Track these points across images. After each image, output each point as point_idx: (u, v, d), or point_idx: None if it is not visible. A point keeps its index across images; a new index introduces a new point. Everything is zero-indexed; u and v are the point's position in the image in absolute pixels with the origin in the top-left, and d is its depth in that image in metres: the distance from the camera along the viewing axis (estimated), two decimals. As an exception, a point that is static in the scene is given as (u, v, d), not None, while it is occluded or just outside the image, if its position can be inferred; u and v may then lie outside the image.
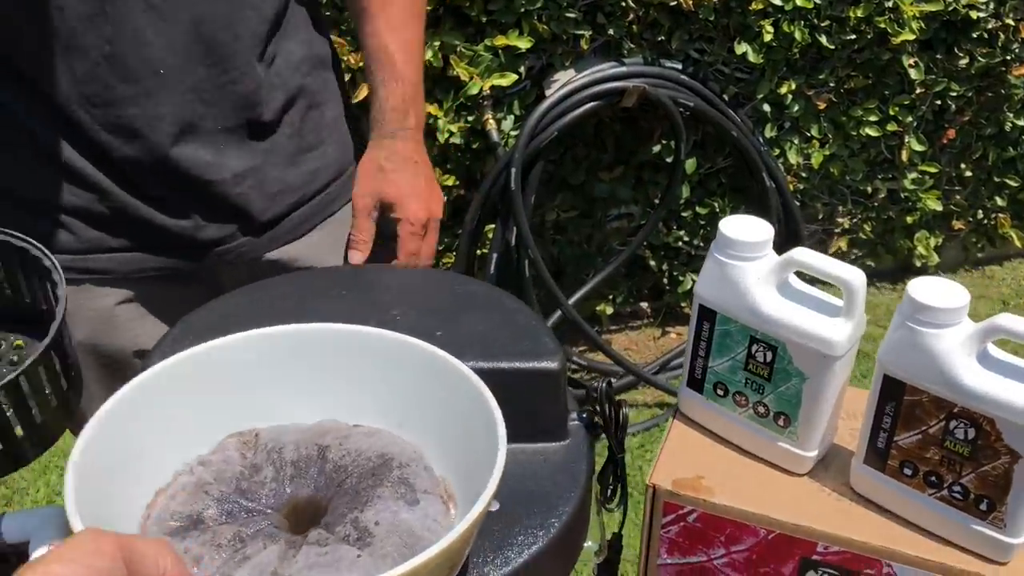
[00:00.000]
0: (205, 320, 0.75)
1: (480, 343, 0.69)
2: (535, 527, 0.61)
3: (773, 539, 0.71)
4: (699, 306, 0.74)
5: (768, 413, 0.73)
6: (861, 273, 0.67)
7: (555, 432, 0.69)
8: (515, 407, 0.64)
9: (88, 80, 0.83)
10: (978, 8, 2.35)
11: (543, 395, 0.68)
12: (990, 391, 0.62)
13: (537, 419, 0.68)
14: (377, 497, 0.55)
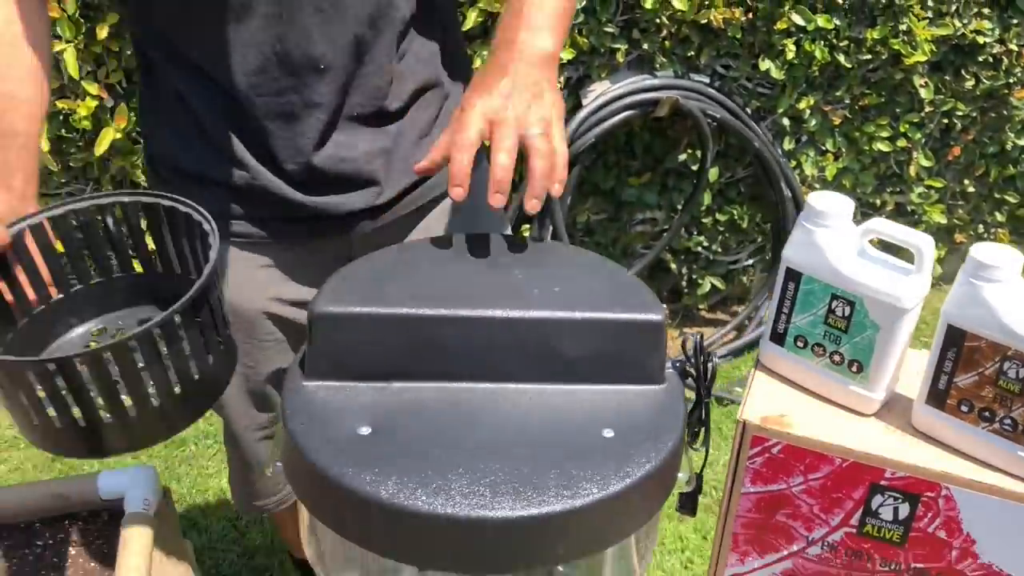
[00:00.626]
0: (357, 272, 0.86)
1: (593, 298, 0.80)
2: (645, 453, 0.72)
3: (847, 467, 0.83)
4: (786, 269, 0.86)
5: (843, 361, 0.86)
6: (930, 239, 0.80)
7: (655, 376, 0.80)
8: (624, 353, 0.77)
9: (257, 72, 0.96)
10: (984, 34, 2.50)
11: (647, 343, 0.79)
12: (1040, 336, 0.75)
13: (642, 364, 0.79)
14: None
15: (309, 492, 0.74)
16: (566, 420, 0.76)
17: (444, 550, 0.68)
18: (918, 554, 0.85)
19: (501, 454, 0.70)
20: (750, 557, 0.92)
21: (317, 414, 0.74)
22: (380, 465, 0.69)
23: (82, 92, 1.96)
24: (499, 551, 0.69)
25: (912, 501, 0.82)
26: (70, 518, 1.47)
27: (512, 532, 0.67)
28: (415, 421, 0.74)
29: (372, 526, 0.69)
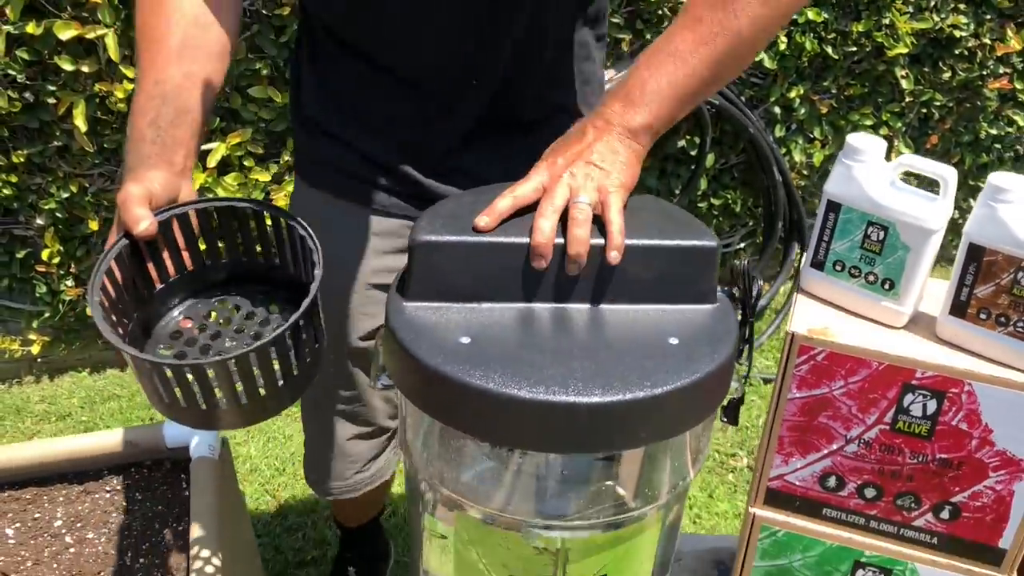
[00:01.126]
0: (448, 207, 0.96)
1: (656, 228, 0.91)
2: (708, 354, 0.83)
3: (882, 370, 0.97)
4: (827, 201, 1.00)
5: (877, 280, 0.99)
6: (954, 170, 0.93)
7: (709, 297, 0.91)
8: (683, 275, 0.89)
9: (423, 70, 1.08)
10: (960, 28, 2.68)
11: (703, 265, 0.91)
12: (1049, 248, 0.89)
13: (698, 285, 0.91)
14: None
15: (422, 392, 0.85)
16: (636, 331, 0.87)
17: (544, 433, 0.80)
18: (943, 445, 0.98)
19: (585, 356, 0.81)
20: (794, 458, 1.05)
21: (421, 328, 0.85)
22: (484, 364, 0.79)
23: (120, 75, 2.05)
24: (591, 433, 0.79)
25: (939, 398, 0.96)
26: (136, 466, 1.57)
27: (602, 416, 0.78)
28: (507, 332, 0.85)
29: (482, 415, 0.80)
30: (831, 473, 1.04)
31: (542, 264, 0.85)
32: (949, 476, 1.00)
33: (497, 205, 0.88)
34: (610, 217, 0.86)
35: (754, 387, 2.55)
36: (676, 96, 0.89)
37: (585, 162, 0.89)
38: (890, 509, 1.04)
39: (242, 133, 2.19)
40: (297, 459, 2.22)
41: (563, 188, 0.87)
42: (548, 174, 0.89)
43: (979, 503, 1.00)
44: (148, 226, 0.86)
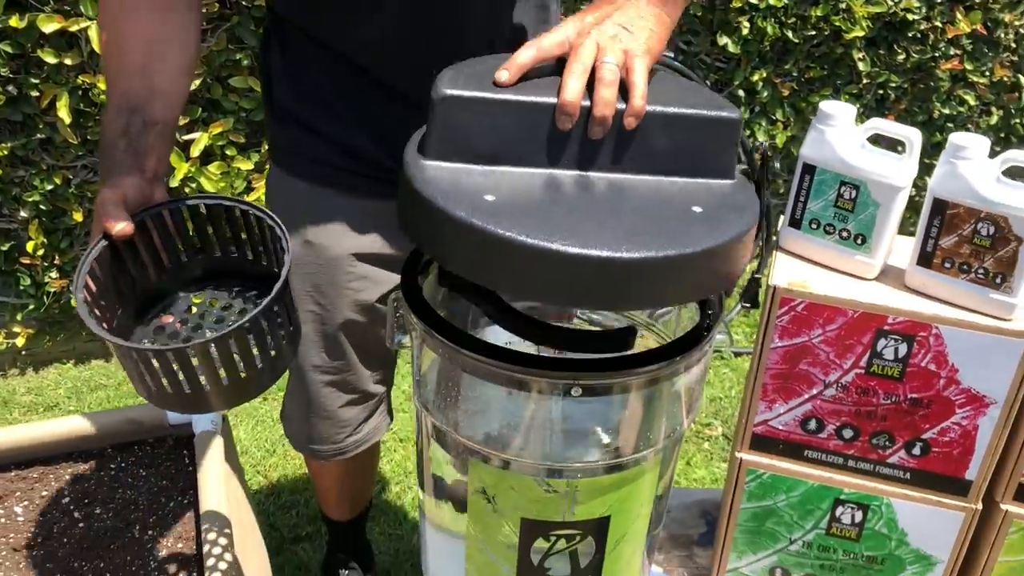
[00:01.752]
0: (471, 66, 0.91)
1: (680, 98, 0.88)
2: (733, 220, 0.83)
3: (857, 317, 1.05)
4: (803, 164, 1.08)
5: (850, 236, 1.08)
6: (918, 131, 1.02)
7: (728, 171, 0.90)
8: (704, 146, 0.88)
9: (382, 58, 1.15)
10: (912, 11, 2.79)
11: (725, 138, 0.88)
12: (1004, 199, 0.98)
13: (718, 158, 0.89)
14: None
15: (450, 247, 0.81)
16: (660, 199, 0.85)
17: (575, 289, 0.78)
18: (913, 386, 1.07)
19: (612, 217, 0.80)
20: (777, 404, 1.13)
21: (443, 185, 0.81)
22: (513, 219, 0.77)
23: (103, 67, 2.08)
24: (623, 289, 0.79)
25: (909, 341, 1.04)
26: (139, 444, 1.61)
27: (633, 272, 0.77)
28: (532, 193, 0.82)
29: (512, 269, 0.78)
30: (811, 416, 1.12)
31: (568, 124, 0.83)
32: (920, 414, 1.08)
33: (518, 58, 0.85)
34: (634, 80, 0.83)
35: (726, 359, 2.65)
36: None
37: (614, 23, 0.87)
38: (866, 448, 1.12)
39: (224, 123, 2.23)
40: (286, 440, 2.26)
41: (591, 45, 0.85)
42: (575, 30, 0.87)
43: (947, 438, 1.09)
44: (124, 227, 0.91)
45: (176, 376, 0.88)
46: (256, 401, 2.40)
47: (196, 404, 0.93)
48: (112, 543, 1.43)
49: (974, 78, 3.01)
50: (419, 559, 1.86)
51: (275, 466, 2.19)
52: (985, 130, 3.17)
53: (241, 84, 2.21)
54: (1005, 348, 1.02)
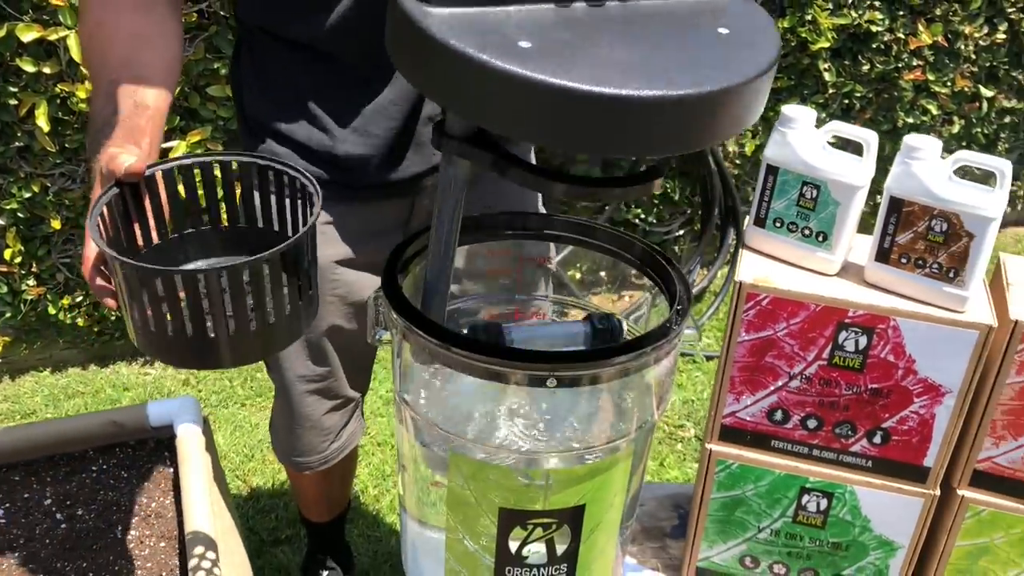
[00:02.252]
0: None
1: None
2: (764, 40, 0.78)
3: (819, 311, 1.10)
4: (766, 166, 1.13)
5: (812, 233, 1.12)
6: (874, 133, 1.07)
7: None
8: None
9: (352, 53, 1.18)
10: (876, 23, 2.87)
11: None
12: (956, 197, 1.03)
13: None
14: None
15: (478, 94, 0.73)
16: (684, 24, 0.79)
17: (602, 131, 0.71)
18: (873, 376, 1.12)
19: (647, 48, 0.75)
20: (744, 396, 1.17)
21: (469, 34, 0.72)
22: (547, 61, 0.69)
23: (81, 75, 2.11)
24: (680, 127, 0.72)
25: (869, 334, 1.09)
26: (120, 447, 1.63)
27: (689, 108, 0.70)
28: (555, 33, 0.74)
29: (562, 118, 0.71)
30: (778, 408, 1.17)
31: None
32: (880, 404, 1.13)
33: None
34: None
35: (697, 363, 2.70)
36: None
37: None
38: (830, 437, 1.17)
39: (202, 131, 2.25)
40: (265, 446, 2.28)
41: None
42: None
43: (906, 427, 1.14)
44: (136, 162, 0.88)
45: (179, 309, 0.84)
46: (235, 407, 2.42)
47: (195, 354, 0.89)
48: (95, 544, 1.45)
49: (936, 88, 3.09)
50: (398, 559, 1.89)
51: (254, 471, 2.21)
52: (947, 138, 3.25)
53: (219, 93, 2.24)
54: (959, 339, 1.07)
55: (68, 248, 2.36)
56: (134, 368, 2.55)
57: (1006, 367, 1.09)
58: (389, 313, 1.01)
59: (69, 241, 2.36)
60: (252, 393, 2.47)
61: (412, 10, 0.74)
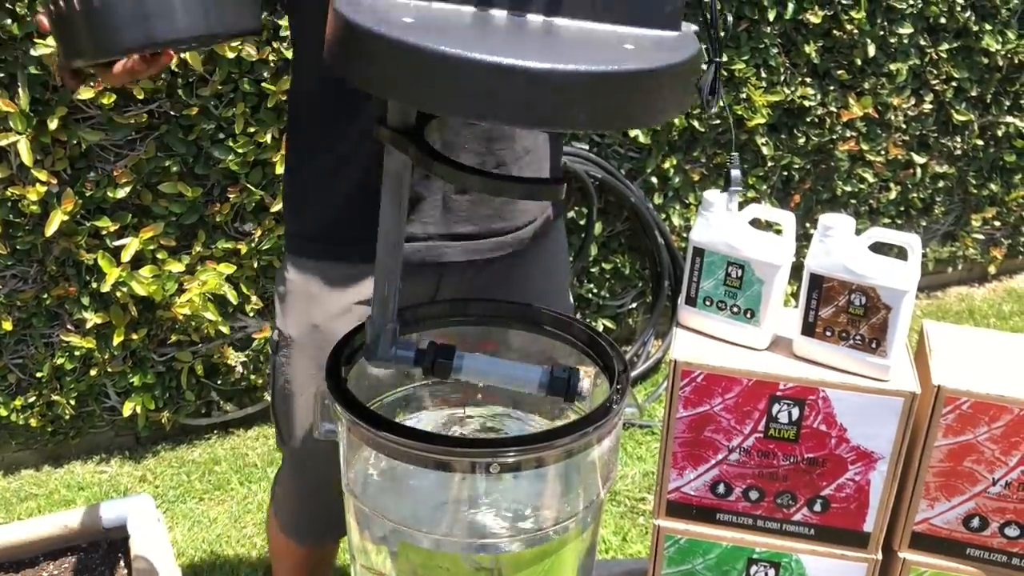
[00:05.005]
0: None
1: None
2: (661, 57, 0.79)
3: (752, 385, 1.14)
4: (693, 248, 1.18)
5: (740, 311, 1.17)
6: (792, 215, 1.13)
7: (672, 21, 0.86)
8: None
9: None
10: (808, 99, 3.00)
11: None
12: (872, 272, 1.09)
13: (663, 5, 0.85)
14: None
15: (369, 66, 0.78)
16: (591, 37, 0.83)
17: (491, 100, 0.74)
18: (808, 446, 1.15)
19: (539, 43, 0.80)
20: (687, 471, 1.20)
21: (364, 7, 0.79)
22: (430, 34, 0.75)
23: (32, 179, 2.13)
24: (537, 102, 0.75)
25: (800, 405, 1.14)
26: (72, 550, 1.62)
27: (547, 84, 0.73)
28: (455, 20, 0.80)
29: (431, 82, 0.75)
30: (719, 481, 1.20)
31: None
32: (816, 473, 1.17)
33: None
34: None
35: (656, 435, 2.73)
36: None
37: None
38: (772, 508, 1.20)
39: (154, 228, 2.28)
40: (223, 540, 2.26)
41: None
42: None
43: (843, 494, 1.17)
44: None
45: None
46: (192, 501, 2.40)
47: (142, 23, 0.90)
48: (46, 653, 1.43)
49: (871, 157, 3.22)
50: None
51: (211, 567, 2.18)
52: (885, 204, 3.37)
53: (170, 190, 2.27)
54: (885, 406, 1.12)
55: (20, 349, 2.35)
56: (89, 467, 2.52)
57: (933, 431, 1.13)
58: (334, 406, 1.04)
59: (21, 342, 2.35)
60: (210, 487, 2.45)
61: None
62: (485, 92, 0.74)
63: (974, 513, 1.16)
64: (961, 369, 1.15)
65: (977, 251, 3.70)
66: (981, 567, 1.18)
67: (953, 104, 3.28)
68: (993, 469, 1.13)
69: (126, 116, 2.19)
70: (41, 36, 2.02)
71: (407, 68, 0.75)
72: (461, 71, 0.73)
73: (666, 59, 0.79)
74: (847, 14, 2.91)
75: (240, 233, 2.43)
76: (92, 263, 2.26)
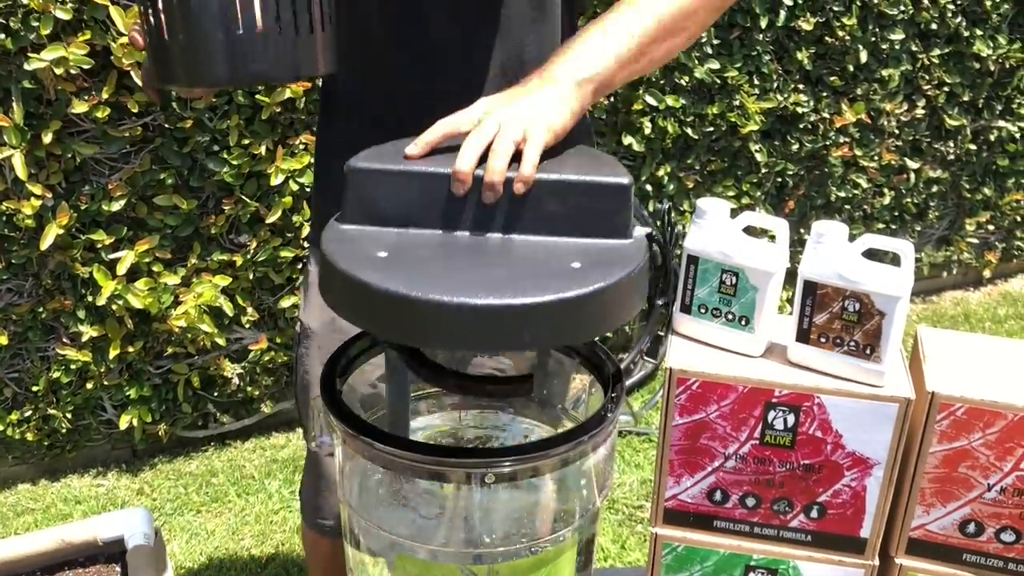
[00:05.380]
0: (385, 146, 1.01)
1: (575, 166, 0.98)
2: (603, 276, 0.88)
3: (747, 392, 1.14)
4: (687, 256, 1.18)
5: (735, 318, 1.18)
6: (784, 222, 1.14)
7: (622, 232, 0.96)
8: (595, 210, 0.95)
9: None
10: (801, 105, 3.01)
11: (615, 201, 0.95)
12: (865, 278, 1.09)
13: (611, 220, 0.96)
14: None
15: (339, 297, 0.91)
16: (543, 256, 0.92)
17: (436, 331, 0.85)
18: (804, 452, 1.15)
19: (491, 270, 0.89)
20: (683, 478, 1.20)
21: (346, 243, 0.92)
22: (393, 273, 0.86)
23: (27, 193, 2.13)
24: (483, 332, 0.85)
25: (796, 411, 1.14)
26: (69, 564, 1.61)
27: (490, 318, 0.83)
28: (422, 251, 0.91)
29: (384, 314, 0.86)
30: (716, 488, 1.20)
31: (461, 190, 0.92)
32: (813, 479, 1.17)
33: (426, 135, 0.96)
34: (526, 152, 0.93)
35: (654, 442, 2.73)
36: (617, 62, 1.03)
37: (521, 103, 0.98)
38: (769, 514, 1.20)
39: (149, 240, 2.28)
40: (220, 552, 2.25)
41: (492, 123, 0.95)
42: (483, 109, 0.98)
43: (840, 500, 1.17)
44: None
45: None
46: (190, 514, 2.40)
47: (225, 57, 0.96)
48: (43, 670, 1.43)
49: (864, 163, 3.23)
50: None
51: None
52: (879, 209, 3.38)
53: (166, 202, 2.28)
54: (880, 412, 1.12)
55: (16, 363, 2.35)
56: (86, 480, 2.52)
57: (928, 437, 1.13)
58: (328, 418, 1.04)
59: (17, 356, 2.35)
60: (207, 499, 2.44)
61: (331, 224, 0.96)
62: (440, 326, 0.84)
63: (970, 519, 1.16)
64: (955, 375, 1.15)
65: (972, 255, 3.72)
66: (978, 572, 1.18)
67: (945, 109, 3.30)
68: (988, 475, 1.14)
69: (120, 129, 2.20)
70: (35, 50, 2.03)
71: (372, 305, 0.86)
72: (417, 310, 0.83)
73: (608, 277, 0.88)
74: (839, 21, 2.92)
75: (235, 245, 2.43)
76: (87, 276, 2.27)
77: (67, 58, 2.03)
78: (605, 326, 0.92)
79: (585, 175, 0.96)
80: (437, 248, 0.92)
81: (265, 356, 2.56)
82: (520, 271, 0.89)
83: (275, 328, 2.57)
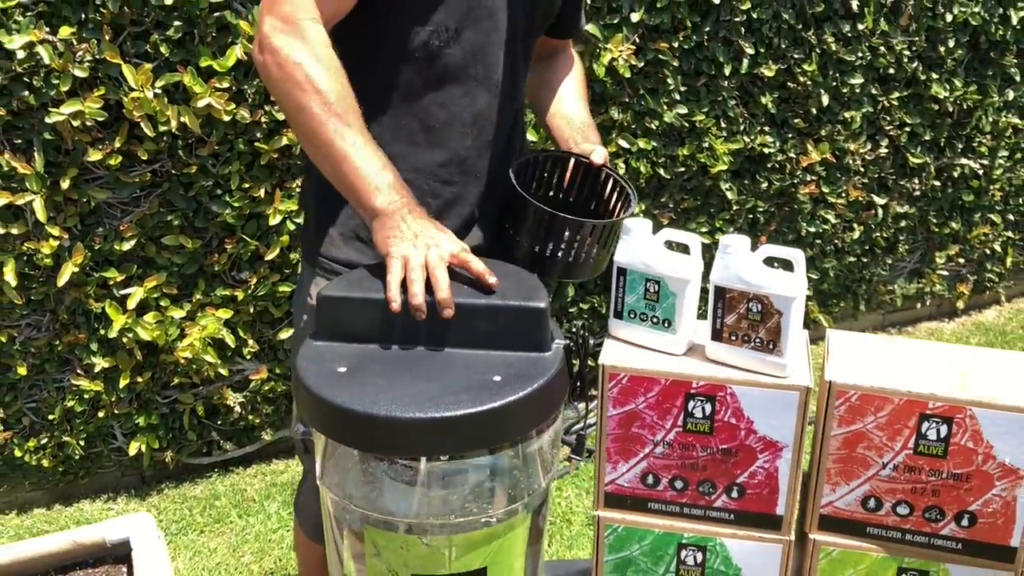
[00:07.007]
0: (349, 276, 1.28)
1: (503, 290, 1.22)
2: (516, 388, 1.08)
3: (669, 385, 1.31)
4: (616, 267, 1.36)
5: (659, 321, 1.35)
6: (698, 237, 1.32)
7: (542, 346, 1.17)
8: (515, 329, 1.16)
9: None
10: (768, 146, 3.20)
11: (532, 322, 1.17)
12: (764, 283, 1.26)
13: (531, 337, 1.17)
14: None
15: (305, 407, 1.14)
16: (469, 370, 1.12)
17: (369, 438, 1.09)
18: (721, 438, 1.32)
19: (422, 387, 1.09)
20: (620, 464, 1.37)
21: (314, 359, 1.14)
22: (347, 388, 1.08)
23: (46, 234, 2.34)
24: (411, 440, 1.07)
25: (712, 401, 1.30)
26: (79, 565, 1.78)
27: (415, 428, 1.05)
28: (375, 365, 1.13)
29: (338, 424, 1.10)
30: (648, 473, 1.37)
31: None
32: (731, 462, 1.33)
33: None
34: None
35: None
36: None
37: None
38: (695, 496, 1.36)
39: (158, 277, 2.48)
40: (222, 568, 2.40)
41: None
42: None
43: (756, 480, 1.34)
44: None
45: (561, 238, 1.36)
46: (194, 534, 2.55)
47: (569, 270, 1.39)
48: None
49: (832, 199, 3.41)
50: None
51: None
52: (851, 244, 3.56)
53: (172, 242, 2.48)
54: (784, 400, 1.29)
55: (33, 393, 2.53)
56: (98, 504, 2.68)
57: (829, 422, 1.30)
58: (304, 408, 1.21)
59: (35, 387, 2.53)
60: (211, 520, 2.60)
61: (306, 342, 1.20)
62: (377, 435, 1.07)
63: (870, 495, 1.32)
64: (852, 367, 1.32)
65: (944, 287, 3.87)
66: (880, 544, 1.34)
67: (908, 148, 3.49)
68: (882, 454, 1.30)
69: (131, 175, 2.40)
70: (55, 104, 2.25)
71: (324, 416, 1.10)
72: (359, 421, 1.06)
73: (522, 388, 1.08)
74: (799, 67, 3.13)
75: (237, 281, 2.62)
76: (100, 311, 2.46)
77: (83, 112, 2.24)
78: (524, 429, 1.13)
79: (502, 300, 1.17)
80: (386, 363, 1.14)
81: (265, 386, 2.74)
82: (447, 386, 1.08)
83: (275, 359, 2.74)
